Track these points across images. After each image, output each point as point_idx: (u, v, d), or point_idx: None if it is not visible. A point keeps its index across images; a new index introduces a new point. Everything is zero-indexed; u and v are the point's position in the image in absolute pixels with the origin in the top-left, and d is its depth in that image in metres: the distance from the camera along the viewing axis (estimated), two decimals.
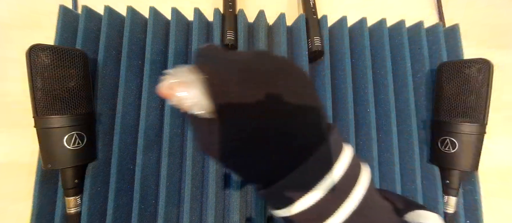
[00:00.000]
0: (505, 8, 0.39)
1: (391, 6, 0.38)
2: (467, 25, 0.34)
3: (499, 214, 0.32)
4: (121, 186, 0.26)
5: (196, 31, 0.28)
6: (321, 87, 0.30)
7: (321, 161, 0.13)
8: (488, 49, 0.37)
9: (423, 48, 0.31)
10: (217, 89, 0.12)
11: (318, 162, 0.12)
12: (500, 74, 0.31)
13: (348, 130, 0.28)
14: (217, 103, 0.12)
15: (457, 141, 0.27)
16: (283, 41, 0.29)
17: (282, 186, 0.13)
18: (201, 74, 0.12)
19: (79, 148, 0.24)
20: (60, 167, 0.24)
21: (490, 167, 0.32)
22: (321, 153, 0.13)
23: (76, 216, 0.25)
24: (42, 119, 0.23)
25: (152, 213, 0.27)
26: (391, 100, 0.29)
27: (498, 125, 0.34)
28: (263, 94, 0.12)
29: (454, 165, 0.27)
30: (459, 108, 0.27)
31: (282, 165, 0.12)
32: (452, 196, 0.28)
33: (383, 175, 0.29)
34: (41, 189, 0.26)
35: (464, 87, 0.27)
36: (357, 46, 0.31)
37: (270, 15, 0.32)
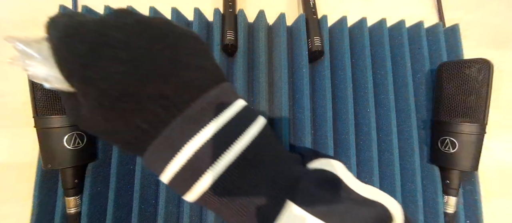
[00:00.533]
0: (505, 8, 0.39)
1: (391, 6, 0.38)
2: (467, 25, 0.34)
3: (499, 214, 0.32)
4: (121, 186, 0.26)
5: (196, 31, 0.28)
6: (321, 87, 0.30)
7: (192, 117, 0.12)
8: (488, 49, 0.37)
9: (423, 48, 0.31)
10: (67, 61, 0.11)
11: (190, 118, 0.12)
12: (500, 74, 0.31)
13: (348, 130, 0.28)
14: (68, 74, 0.12)
15: (457, 141, 0.27)
16: (283, 41, 0.29)
17: (158, 144, 0.12)
18: (51, 44, 0.12)
19: (79, 148, 0.24)
20: (60, 167, 0.24)
21: (490, 167, 0.32)
22: (191, 111, 0.12)
23: (76, 216, 0.25)
24: (42, 118, 0.23)
25: (152, 213, 0.27)
26: (391, 100, 0.29)
27: (498, 125, 0.34)
28: (120, 59, 0.11)
29: (454, 165, 0.27)
30: (459, 108, 0.27)
31: (155, 125, 0.12)
32: (452, 196, 0.28)
33: (383, 175, 0.29)
34: (41, 189, 0.26)
35: (464, 87, 0.27)
36: (357, 46, 0.31)
37: (270, 15, 0.32)
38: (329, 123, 0.28)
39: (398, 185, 0.28)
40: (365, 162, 0.29)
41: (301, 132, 0.28)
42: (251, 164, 0.13)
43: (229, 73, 0.30)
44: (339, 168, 0.16)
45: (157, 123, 0.12)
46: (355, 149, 0.28)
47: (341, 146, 0.29)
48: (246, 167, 0.13)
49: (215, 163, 0.12)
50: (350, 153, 0.28)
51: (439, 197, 0.28)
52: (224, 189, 0.12)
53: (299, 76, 0.29)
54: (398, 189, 0.28)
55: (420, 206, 0.28)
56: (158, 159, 0.12)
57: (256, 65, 0.30)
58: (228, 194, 0.12)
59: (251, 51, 0.31)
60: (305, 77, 0.28)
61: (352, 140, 0.28)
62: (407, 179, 0.29)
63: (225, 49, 0.29)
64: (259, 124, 0.14)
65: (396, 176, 0.28)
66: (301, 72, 0.29)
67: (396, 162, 0.29)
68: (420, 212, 0.28)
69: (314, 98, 0.31)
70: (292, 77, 0.31)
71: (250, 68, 0.31)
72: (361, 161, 0.29)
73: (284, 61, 0.28)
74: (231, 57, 0.31)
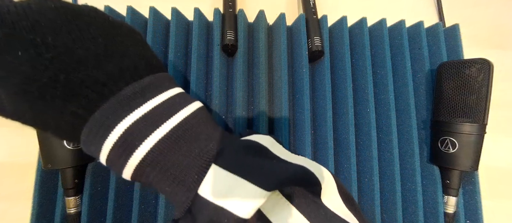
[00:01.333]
0: (506, 8, 0.39)
1: (391, 6, 0.38)
2: (467, 25, 0.34)
3: (499, 214, 0.32)
4: (121, 186, 0.26)
5: (196, 31, 0.28)
6: (321, 87, 0.30)
7: (124, 98, 0.13)
8: (488, 49, 0.37)
9: (423, 48, 0.31)
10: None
11: (121, 100, 0.13)
12: (500, 74, 0.31)
13: (348, 130, 0.28)
14: None
15: (457, 141, 0.27)
16: (283, 41, 0.29)
17: (92, 125, 0.12)
18: None
19: (79, 148, 0.24)
20: (60, 167, 0.24)
21: (490, 167, 0.32)
22: (124, 94, 0.13)
23: (76, 216, 0.25)
24: None
25: (152, 213, 0.27)
26: (391, 100, 0.29)
27: (498, 125, 0.34)
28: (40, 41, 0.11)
29: (454, 165, 0.27)
30: (459, 108, 0.27)
31: (89, 109, 0.12)
32: (452, 196, 0.28)
33: (383, 174, 0.29)
34: (41, 189, 0.26)
35: (464, 87, 0.27)
36: (357, 46, 0.31)
37: (270, 15, 0.32)
38: (329, 123, 0.28)
39: (398, 185, 0.28)
40: (365, 162, 0.29)
41: (301, 132, 0.28)
42: (182, 139, 0.13)
43: (229, 73, 0.30)
44: (266, 140, 0.16)
45: (92, 107, 0.12)
46: (355, 149, 0.28)
47: (341, 146, 0.29)
48: (177, 142, 0.13)
49: (147, 138, 0.13)
50: (350, 153, 0.28)
51: (439, 197, 0.28)
52: (156, 161, 0.13)
53: (299, 76, 0.29)
54: (398, 189, 0.28)
55: (420, 206, 0.28)
56: (93, 138, 0.13)
57: (256, 65, 0.30)
58: (161, 166, 0.13)
59: (251, 51, 0.31)
60: (305, 77, 0.28)
61: (352, 140, 0.28)
62: (407, 179, 0.29)
63: (225, 49, 0.29)
64: (193, 107, 0.15)
65: (396, 176, 0.28)
66: (301, 72, 0.29)
67: (396, 162, 0.29)
68: (420, 212, 0.28)
69: (314, 98, 0.31)
70: (292, 77, 0.31)
71: (250, 68, 0.31)
72: (361, 161, 0.29)
73: (284, 61, 0.28)
74: (231, 57, 0.31)
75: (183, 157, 0.13)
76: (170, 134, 0.13)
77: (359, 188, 0.29)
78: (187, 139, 0.14)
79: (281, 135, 0.28)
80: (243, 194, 0.13)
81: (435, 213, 0.28)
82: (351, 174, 0.27)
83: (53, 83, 0.11)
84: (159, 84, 0.14)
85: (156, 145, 0.13)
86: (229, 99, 0.30)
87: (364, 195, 0.29)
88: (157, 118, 0.13)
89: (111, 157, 0.13)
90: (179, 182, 0.13)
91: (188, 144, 0.14)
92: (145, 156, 0.13)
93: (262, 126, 0.28)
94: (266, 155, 0.15)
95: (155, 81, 0.14)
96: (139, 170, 0.13)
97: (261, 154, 0.15)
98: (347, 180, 0.28)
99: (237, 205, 0.13)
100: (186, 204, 0.13)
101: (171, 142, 0.13)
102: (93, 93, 0.12)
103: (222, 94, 0.28)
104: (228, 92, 0.30)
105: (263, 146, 0.16)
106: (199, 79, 0.28)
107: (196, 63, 0.27)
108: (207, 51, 0.30)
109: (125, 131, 0.12)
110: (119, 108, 0.12)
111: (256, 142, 0.16)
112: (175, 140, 0.13)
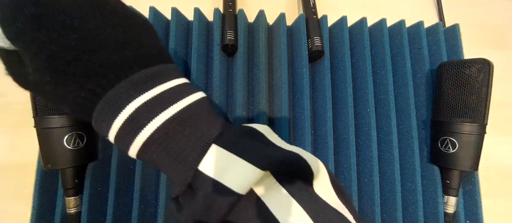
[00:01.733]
0: (506, 8, 0.39)
1: (391, 6, 0.38)
2: (467, 25, 0.34)
3: (499, 214, 0.32)
4: (121, 186, 0.26)
5: (196, 31, 0.28)
6: (321, 87, 0.30)
7: (139, 81, 0.14)
8: (488, 49, 0.37)
9: (423, 48, 0.31)
10: (16, 20, 0.12)
11: (135, 82, 0.14)
12: (500, 74, 0.31)
13: (348, 130, 0.28)
14: (14, 34, 0.12)
15: (457, 141, 0.27)
16: (283, 41, 0.29)
17: (105, 103, 0.13)
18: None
19: (79, 148, 0.24)
20: (60, 167, 0.24)
21: (490, 167, 0.32)
22: (136, 77, 0.14)
23: (76, 216, 0.25)
24: (42, 118, 0.23)
25: (152, 213, 0.27)
26: (391, 100, 0.29)
27: (498, 125, 0.34)
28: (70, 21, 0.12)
29: (454, 165, 0.27)
30: (459, 108, 0.27)
31: (105, 88, 0.13)
32: (452, 196, 0.28)
33: (383, 174, 0.29)
34: (41, 189, 0.26)
35: (464, 87, 0.27)
36: (357, 46, 0.31)
37: (270, 15, 0.32)
38: (329, 123, 0.28)
39: (398, 185, 0.28)
40: (365, 162, 0.29)
41: (301, 132, 0.28)
42: (186, 123, 0.15)
43: (229, 73, 0.30)
44: (263, 128, 0.18)
45: (107, 86, 0.13)
46: (355, 149, 0.28)
47: (341, 146, 0.29)
48: (181, 124, 0.14)
49: (155, 118, 0.14)
50: (350, 153, 0.28)
51: (439, 197, 0.28)
52: (161, 140, 0.14)
53: (299, 76, 0.29)
54: (398, 189, 0.28)
55: (420, 206, 0.28)
56: (105, 116, 0.14)
57: (256, 65, 0.30)
58: (165, 144, 0.14)
59: (251, 51, 0.31)
60: (305, 77, 0.28)
61: (352, 140, 0.28)
62: (407, 179, 0.29)
63: (225, 49, 0.29)
64: (197, 95, 0.16)
65: (396, 176, 0.28)
66: (301, 72, 0.29)
67: (396, 162, 0.29)
68: (420, 212, 0.28)
69: (314, 98, 0.31)
70: (292, 77, 0.31)
71: (250, 68, 0.31)
72: (361, 161, 0.29)
73: (284, 61, 0.28)
74: (231, 57, 0.31)
75: (186, 138, 0.14)
76: (175, 116, 0.14)
77: (359, 188, 0.29)
78: (191, 123, 0.15)
79: (281, 135, 0.28)
80: (239, 171, 0.14)
81: (435, 213, 0.28)
82: (351, 174, 0.27)
83: (76, 62, 0.13)
84: (168, 73, 0.15)
85: (162, 125, 0.14)
86: (229, 99, 0.30)
87: (364, 195, 0.29)
88: (164, 101, 0.14)
89: (120, 133, 0.14)
90: (181, 160, 0.15)
91: (191, 127, 0.15)
92: (151, 134, 0.14)
93: None
94: (262, 140, 0.17)
95: (164, 69, 0.15)
96: (144, 148, 0.14)
97: (258, 139, 0.16)
98: (347, 180, 0.28)
99: (234, 180, 0.14)
100: (187, 180, 0.15)
101: (176, 124, 0.14)
102: (111, 74, 0.13)
103: (222, 94, 0.28)
104: (228, 92, 0.30)
105: (259, 132, 0.17)
106: (199, 79, 0.28)
107: (196, 63, 0.27)
108: (207, 51, 0.30)
109: (135, 110, 0.13)
110: (131, 89, 0.13)
111: (253, 128, 0.17)
112: (179, 122, 0.14)
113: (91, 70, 0.13)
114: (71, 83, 0.13)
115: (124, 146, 0.14)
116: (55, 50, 0.12)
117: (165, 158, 0.15)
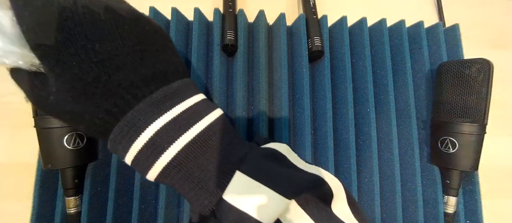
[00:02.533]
0: (505, 8, 0.39)
1: (391, 6, 0.38)
2: (467, 25, 0.34)
3: (499, 214, 0.32)
4: (121, 186, 0.26)
5: (196, 31, 0.28)
6: (321, 87, 0.30)
7: (155, 102, 0.14)
8: (488, 49, 0.37)
9: (423, 48, 0.31)
10: (43, 43, 0.12)
11: (153, 103, 0.14)
12: (500, 74, 0.31)
13: (348, 130, 0.28)
14: (42, 56, 0.12)
15: (457, 141, 0.27)
16: (283, 41, 0.29)
17: (123, 125, 0.13)
18: (23, 21, 0.12)
19: (79, 148, 0.24)
20: (60, 167, 0.24)
21: (490, 167, 0.32)
22: (155, 98, 0.14)
23: (76, 216, 0.25)
24: (42, 118, 0.23)
25: (152, 213, 0.27)
26: (391, 100, 0.29)
27: (498, 125, 0.34)
28: (95, 42, 0.13)
29: (454, 165, 0.27)
30: (459, 108, 0.27)
31: (122, 109, 0.13)
32: (452, 196, 0.28)
33: (383, 174, 0.29)
34: (41, 189, 0.26)
35: (464, 87, 0.27)
36: (357, 46, 0.31)
37: (270, 15, 0.32)
38: (329, 123, 0.28)
39: (398, 185, 0.28)
40: (365, 162, 0.29)
41: (301, 132, 0.28)
42: (206, 145, 0.14)
43: (229, 73, 0.30)
44: (283, 148, 0.18)
45: (125, 107, 0.13)
46: (355, 149, 0.28)
47: (341, 146, 0.29)
48: (202, 147, 0.14)
49: (175, 141, 0.13)
50: (350, 153, 0.28)
51: (439, 197, 0.28)
52: (182, 164, 0.14)
53: (299, 76, 0.29)
54: (398, 189, 0.28)
55: (420, 206, 0.28)
56: (123, 138, 0.13)
57: (256, 65, 0.30)
58: (186, 169, 0.14)
59: (251, 51, 0.31)
60: (305, 77, 0.28)
61: (352, 140, 0.28)
62: (407, 179, 0.29)
63: (225, 49, 0.29)
64: (216, 114, 0.16)
65: (396, 176, 0.28)
66: (301, 72, 0.29)
67: (396, 162, 0.29)
68: (420, 212, 0.28)
69: (314, 98, 0.31)
70: (292, 77, 0.31)
71: (250, 68, 0.31)
72: (361, 161, 0.29)
73: (284, 61, 0.28)
74: (231, 57, 0.31)
75: (207, 162, 0.14)
76: (195, 139, 0.14)
77: (359, 188, 0.29)
78: (211, 145, 0.15)
79: (281, 135, 0.28)
80: (266, 200, 0.14)
81: (435, 213, 0.28)
82: (351, 174, 0.27)
83: (96, 83, 0.13)
84: (185, 89, 0.15)
85: (183, 149, 0.14)
86: (229, 99, 0.30)
87: (364, 195, 0.29)
88: (184, 123, 0.14)
89: (138, 157, 0.14)
90: (202, 186, 0.14)
91: (211, 150, 0.15)
92: (171, 159, 0.13)
93: (262, 126, 0.28)
94: (285, 162, 0.17)
95: (182, 86, 0.15)
96: (164, 172, 0.14)
97: (280, 161, 0.16)
98: (347, 180, 0.28)
99: (261, 212, 0.13)
100: (209, 207, 0.14)
101: (197, 147, 0.14)
102: (128, 95, 0.13)
103: (222, 94, 0.28)
104: (228, 92, 0.30)
105: (281, 153, 0.17)
106: (199, 79, 0.28)
107: (196, 63, 0.27)
108: (207, 51, 0.30)
109: (155, 133, 0.13)
110: (149, 111, 0.13)
111: (275, 149, 0.17)
112: (200, 145, 0.14)
113: (109, 90, 0.13)
114: (90, 104, 0.13)
115: (142, 170, 0.14)
116: (77, 72, 0.12)
117: (185, 182, 0.14)
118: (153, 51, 0.15)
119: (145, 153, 0.13)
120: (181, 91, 0.15)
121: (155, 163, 0.13)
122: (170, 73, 0.15)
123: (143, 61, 0.14)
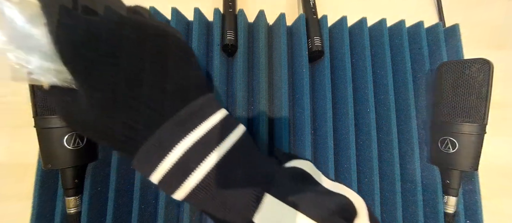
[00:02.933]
0: (505, 8, 0.39)
1: (391, 6, 0.38)
2: (467, 25, 0.34)
3: (499, 214, 0.32)
4: (121, 186, 0.26)
5: (196, 31, 0.28)
6: (321, 87, 0.30)
7: (182, 120, 0.14)
8: (488, 49, 0.37)
9: (423, 48, 0.31)
10: (78, 63, 0.13)
11: (180, 121, 0.14)
12: (500, 74, 0.31)
13: (348, 130, 0.28)
14: (79, 76, 0.13)
15: (457, 141, 0.27)
16: (283, 41, 0.29)
17: (150, 145, 0.13)
18: (59, 44, 0.12)
19: (79, 148, 0.24)
20: (60, 167, 0.24)
21: (490, 167, 0.32)
22: (180, 116, 0.14)
23: (76, 216, 0.25)
24: (42, 118, 0.23)
25: (152, 213, 0.27)
26: (391, 100, 0.29)
27: (498, 125, 0.34)
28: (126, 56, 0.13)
29: (454, 165, 0.27)
30: (459, 108, 0.27)
31: (148, 126, 0.13)
32: (452, 196, 0.28)
33: (383, 174, 0.29)
34: (41, 189, 0.26)
35: (464, 87, 0.27)
36: (357, 46, 0.31)
37: (270, 15, 0.32)
38: (329, 123, 0.28)
39: (398, 185, 0.28)
40: (365, 162, 0.29)
41: (301, 132, 0.28)
42: (233, 164, 0.14)
43: (229, 73, 0.30)
44: (308, 166, 0.18)
45: (150, 124, 0.13)
46: (355, 149, 0.28)
47: (341, 146, 0.29)
48: (229, 166, 0.14)
49: (203, 162, 0.13)
50: (350, 153, 0.28)
51: (439, 197, 0.28)
52: (210, 185, 0.14)
53: (299, 76, 0.29)
54: (398, 189, 0.28)
55: (420, 206, 0.28)
56: (149, 158, 0.13)
57: (256, 65, 0.30)
58: (214, 190, 0.14)
59: (251, 51, 0.31)
60: (305, 77, 0.28)
61: (352, 140, 0.28)
62: (407, 179, 0.29)
63: (225, 49, 0.29)
64: (239, 131, 0.16)
65: (396, 176, 0.28)
66: (301, 72, 0.29)
67: (396, 162, 0.29)
68: (420, 212, 0.28)
69: (314, 98, 0.31)
70: (292, 77, 0.31)
71: (250, 68, 0.31)
72: (361, 161, 0.29)
73: (284, 61, 0.28)
74: (231, 57, 0.31)
75: (234, 183, 0.14)
76: (223, 158, 0.14)
77: (359, 188, 0.29)
78: (237, 165, 0.15)
79: (281, 135, 0.28)
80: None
81: (435, 213, 0.28)
82: (351, 174, 0.27)
83: (124, 100, 0.13)
84: (209, 105, 0.15)
85: (211, 170, 0.14)
86: (229, 99, 0.30)
87: (364, 195, 0.29)
88: (211, 141, 0.14)
89: (165, 179, 0.13)
90: (230, 207, 0.14)
91: (238, 169, 0.15)
92: (200, 181, 0.13)
93: (262, 126, 0.28)
94: (311, 181, 0.17)
95: (206, 102, 0.15)
96: (193, 193, 0.14)
97: (307, 182, 0.17)
98: (347, 180, 0.28)
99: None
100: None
101: (224, 167, 0.14)
102: (152, 112, 0.13)
103: (222, 94, 0.28)
104: (228, 92, 0.30)
105: (307, 173, 0.17)
106: None
107: None
108: (207, 51, 0.30)
109: (184, 154, 0.13)
110: (176, 130, 0.13)
111: (301, 169, 0.17)
112: (227, 165, 0.14)
113: (133, 106, 0.13)
114: (116, 120, 0.13)
115: (169, 190, 0.14)
116: (105, 89, 0.13)
117: (213, 204, 0.14)
118: (177, 68, 0.15)
119: (173, 173, 0.13)
120: (205, 108, 0.15)
121: (182, 184, 0.13)
122: (193, 88, 0.15)
123: (169, 78, 0.14)
